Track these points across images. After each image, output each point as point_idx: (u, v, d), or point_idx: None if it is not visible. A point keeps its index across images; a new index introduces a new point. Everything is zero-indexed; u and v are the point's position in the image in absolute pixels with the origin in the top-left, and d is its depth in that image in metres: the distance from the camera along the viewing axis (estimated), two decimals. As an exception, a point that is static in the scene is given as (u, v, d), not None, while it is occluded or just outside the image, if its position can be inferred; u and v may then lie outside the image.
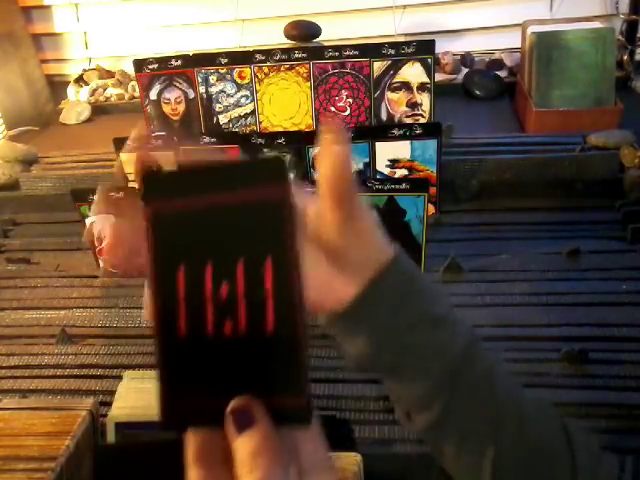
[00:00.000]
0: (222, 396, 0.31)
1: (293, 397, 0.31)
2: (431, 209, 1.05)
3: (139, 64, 1.14)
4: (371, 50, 1.10)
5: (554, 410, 0.46)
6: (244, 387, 0.31)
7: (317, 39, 1.32)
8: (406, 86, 1.12)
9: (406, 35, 1.59)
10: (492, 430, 0.43)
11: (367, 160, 1.04)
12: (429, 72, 1.10)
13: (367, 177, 1.04)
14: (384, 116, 1.15)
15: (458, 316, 0.42)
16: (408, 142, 1.01)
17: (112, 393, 0.70)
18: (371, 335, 0.39)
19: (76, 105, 1.59)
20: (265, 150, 1.04)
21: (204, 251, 0.31)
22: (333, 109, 1.14)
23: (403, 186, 0.89)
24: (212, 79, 1.15)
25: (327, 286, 0.38)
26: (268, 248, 0.30)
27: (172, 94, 1.17)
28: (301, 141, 1.03)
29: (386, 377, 0.42)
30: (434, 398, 0.41)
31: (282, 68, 1.12)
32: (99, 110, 1.59)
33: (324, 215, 0.37)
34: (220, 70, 1.14)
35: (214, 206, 0.31)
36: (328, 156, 0.35)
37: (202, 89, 1.16)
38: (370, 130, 1.06)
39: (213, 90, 1.16)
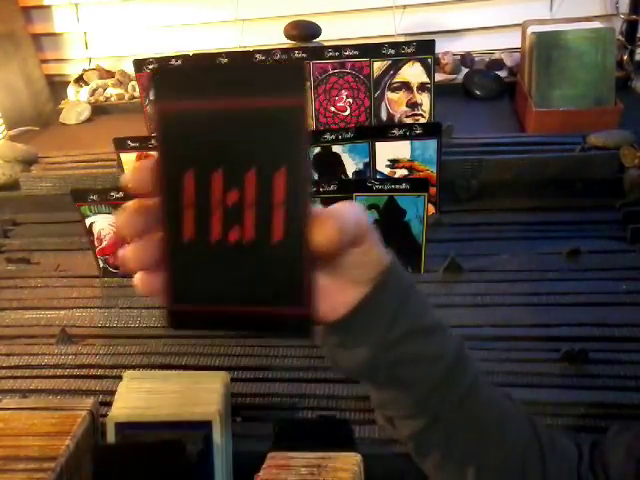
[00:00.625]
0: (224, 301, 0.32)
1: (296, 308, 0.31)
2: (431, 209, 1.05)
3: (139, 64, 1.14)
4: (371, 50, 1.10)
5: (522, 408, 0.46)
6: (247, 294, 0.31)
7: (317, 39, 1.32)
8: (406, 86, 1.12)
9: (406, 35, 1.59)
10: (477, 438, 0.44)
11: (367, 160, 1.04)
12: (429, 72, 1.10)
13: (367, 177, 1.04)
14: (384, 116, 1.15)
15: (444, 323, 0.42)
16: (408, 142, 1.01)
17: (112, 393, 0.70)
18: (368, 346, 0.38)
19: (76, 105, 1.59)
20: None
21: (215, 156, 0.30)
22: (333, 109, 1.14)
23: (403, 186, 0.89)
24: (212, 79, 1.15)
25: (325, 296, 0.36)
26: (282, 157, 0.30)
27: (172, 94, 1.17)
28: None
29: (377, 386, 0.42)
30: (424, 407, 0.42)
31: (282, 68, 1.12)
32: (99, 110, 1.59)
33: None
34: (220, 70, 1.14)
35: (229, 109, 0.30)
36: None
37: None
38: (370, 130, 1.06)
39: (213, 90, 1.16)
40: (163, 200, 0.31)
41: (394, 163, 1.04)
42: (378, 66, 1.11)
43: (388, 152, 1.03)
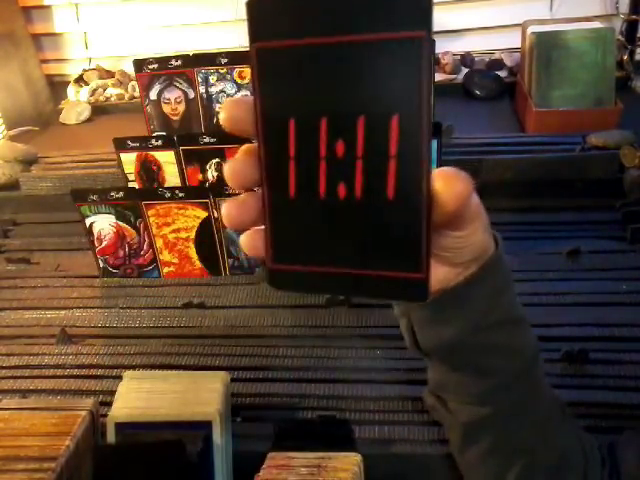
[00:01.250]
0: (330, 263, 0.29)
1: (411, 272, 0.28)
2: (431, 209, 1.05)
3: (139, 64, 1.14)
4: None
5: (568, 410, 0.46)
6: (356, 256, 0.28)
7: (317, 39, 1.31)
8: (406, 86, 1.12)
9: (406, 35, 1.59)
10: (530, 436, 0.43)
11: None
12: (429, 72, 1.10)
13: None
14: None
15: (526, 317, 0.41)
16: (408, 142, 1.01)
17: (112, 393, 0.70)
18: (459, 326, 0.37)
19: (76, 105, 1.59)
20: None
21: (319, 101, 0.26)
22: (333, 109, 1.14)
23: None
24: (212, 79, 1.15)
25: None
26: (399, 102, 0.25)
27: (172, 94, 1.17)
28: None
29: (451, 368, 0.41)
30: (491, 397, 0.41)
31: (282, 68, 1.12)
32: (99, 110, 1.59)
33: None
34: (220, 70, 1.14)
35: (335, 45, 0.25)
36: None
37: (202, 89, 1.16)
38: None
39: (213, 90, 1.16)
40: (262, 152, 0.28)
41: (394, 163, 1.04)
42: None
43: (388, 152, 1.03)
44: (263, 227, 0.30)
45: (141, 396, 0.66)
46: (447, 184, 0.28)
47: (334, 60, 0.26)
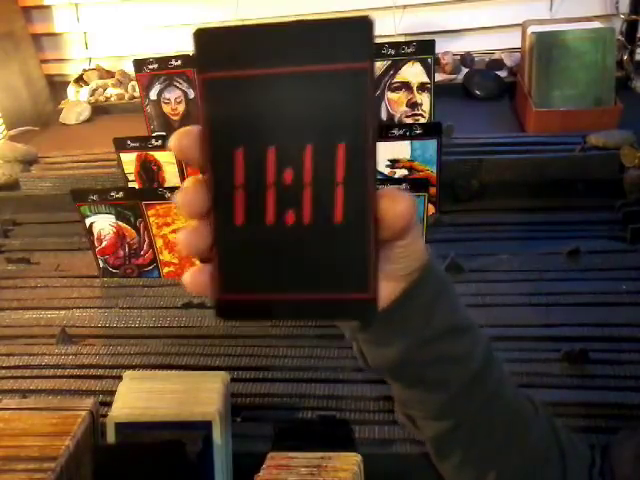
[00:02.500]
0: (279, 289, 0.29)
1: (360, 294, 0.28)
2: (431, 209, 1.05)
3: (139, 64, 1.14)
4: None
5: (543, 410, 0.46)
6: (305, 281, 0.28)
7: (317, 39, 1.32)
8: (406, 86, 1.12)
9: (406, 35, 1.59)
10: (499, 442, 0.43)
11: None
12: (429, 72, 1.10)
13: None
14: (384, 116, 1.14)
15: (475, 322, 0.41)
16: (408, 142, 1.01)
17: (112, 393, 0.70)
18: (402, 344, 0.37)
19: (76, 105, 1.59)
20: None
21: (267, 131, 0.27)
22: (333, 109, 1.14)
23: (403, 186, 0.89)
24: (212, 79, 1.15)
25: None
26: (344, 131, 0.26)
27: (172, 94, 1.17)
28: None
29: (404, 385, 0.41)
30: (450, 409, 0.41)
31: (282, 68, 1.12)
32: (99, 110, 1.59)
33: None
34: (220, 70, 1.14)
35: (281, 77, 0.26)
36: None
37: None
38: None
39: (213, 90, 1.16)
40: (211, 180, 0.28)
41: (394, 163, 1.04)
42: (378, 66, 1.10)
43: (388, 152, 1.03)
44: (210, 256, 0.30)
45: (141, 396, 0.66)
46: (391, 205, 0.29)
47: (280, 90, 0.26)
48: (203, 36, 0.27)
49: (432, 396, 0.41)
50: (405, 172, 1.04)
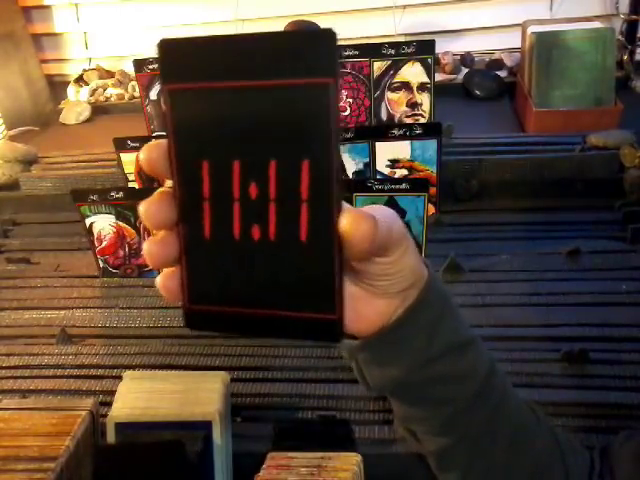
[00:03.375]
0: (244, 303, 0.29)
1: (323, 313, 0.28)
2: (431, 209, 1.05)
3: (139, 64, 1.14)
4: (371, 50, 1.10)
5: (544, 418, 0.46)
6: (270, 297, 0.28)
7: (317, 39, 1.31)
8: (406, 86, 1.12)
9: (406, 35, 1.59)
10: (501, 455, 0.43)
11: (367, 160, 1.04)
12: (429, 72, 1.10)
13: (367, 177, 1.04)
14: (384, 116, 1.14)
15: (477, 337, 0.40)
16: (408, 142, 1.01)
17: (112, 393, 0.70)
18: (403, 364, 0.37)
19: (76, 105, 1.59)
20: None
21: (232, 144, 0.26)
22: (333, 109, 1.14)
23: (403, 186, 0.89)
24: (212, 79, 1.15)
25: (350, 306, 0.33)
26: (307, 147, 0.26)
27: (172, 94, 1.16)
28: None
29: (407, 403, 0.41)
30: (452, 425, 0.41)
31: (282, 68, 1.12)
32: (99, 110, 1.59)
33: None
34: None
35: (245, 91, 0.26)
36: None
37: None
38: (370, 130, 1.06)
39: (213, 90, 1.16)
40: (178, 192, 0.28)
41: (394, 163, 1.04)
42: (378, 66, 1.10)
43: (388, 152, 1.03)
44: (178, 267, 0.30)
45: (141, 396, 0.66)
46: (352, 225, 0.28)
47: (244, 104, 0.26)
48: (168, 46, 0.27)
49: (434, 413, 0.40)
50: (405, 172, 1.04)
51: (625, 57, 1.42)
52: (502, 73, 1.51)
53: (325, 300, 0.28)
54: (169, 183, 0.30)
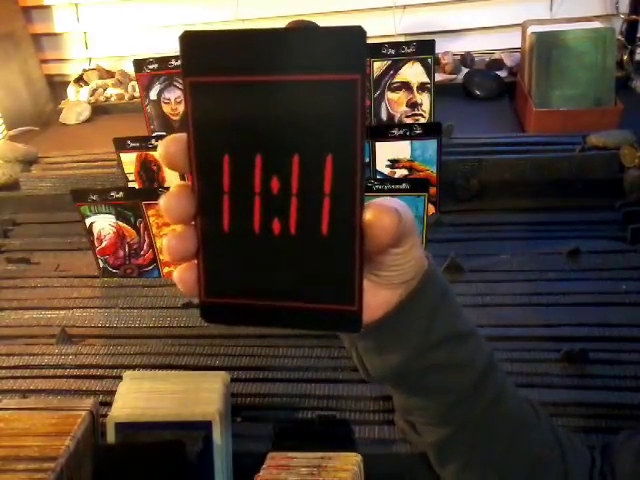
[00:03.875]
0: (263, 296, 0.29)
1: (344, 305, 0.29)
2: (431, 209, 1.05)
3: (139, 64, 1.14)
4: (371, 50, 1.10)
5: (543, 413, 0.46)
6: (290, 289, 0.29)
7: (317, 39, 1.31)
8: (406, 86, 1.12)
9: (406, 35, 1.59)
10: (500, 447, 0.43)
11: (367, 160, 1.04)
12: (429, 72, 1.10)
13: (367, 177, 1.04)
14: (384, 116, 1.14)
15: (477, 329, 0.41)
16: (408, 142, 1.01)
17: (112, 393, 0.70)
18: (402, 351, 0.37)
19: (76, 105, 1.59)
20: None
21: (254, 138, 0.26)
22: (333, 109, 1.14)
23: (403, 186, 0.89)
24: (212, 79, 1.15)
25: None
26: (331, 142, 0.26)
27: (172, 94, 1.17)
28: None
29: (407, 392, 0.41)
30: (451, 416, 0.41)
31: (282, 68, 1.12)
32: (99, 110, 1.59)
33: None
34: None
35: (269, 84, 0.26)
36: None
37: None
38: (370, 130, 1.06)
39: (213, 90, 1.16)
40: (197, 186, 0.28)
41: (394, 163, 1.04)
42: (378, 66, 1.10)
43: (388, 152, 1.03)
44: (196, 260, 0.30)
45: (141, 396, 0.66)
46: (376, 218, 0.28)
47: (269, 98, 0.26)
48: (190, 39, 0.27)
49: (433, 403, 0.40)
50: (405, 172, 1.04)
51: (625, 57, 1.42)
52: (502, 73, 1.51)
53: (346, 292, 0.28)
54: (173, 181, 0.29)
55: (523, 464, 0.44)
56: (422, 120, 1.13)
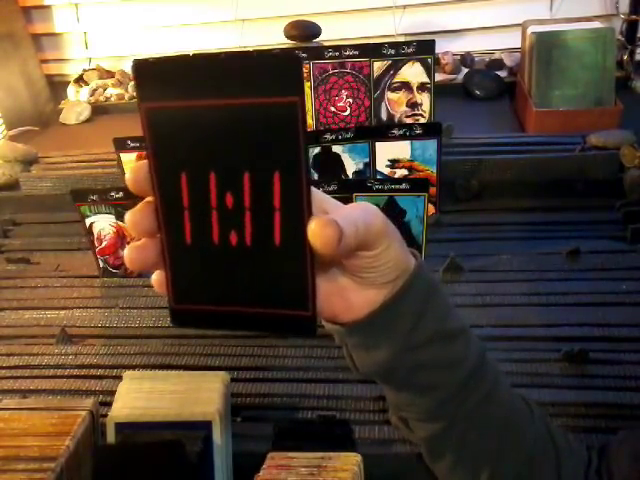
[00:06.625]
0: (226, 302, 0.32)
1: (298, 310, 0.31)
2: (431, 209, 1.05)
3: (139, 64, 1.14)
4: (371, 50, 1.10)
5: (539, 411, 0.46)
6: (248, 296, 0.31)
7: (317, 39, 1.32)
8: (406, 86, 1.12)
9: (406, 35, 1.59)
10: (493, 442, 0.43)
11: (367, 160, 1.04)
12: (429, 72, 1.10)
13: (367, 177, 1.04)
14: (384, 116, 1.14)
15: (468, 327, 0.41)
16: (408, 142, 1.01)
17: (112, 393, 0.70)
18: (389, 348, 0.38)
19: (76, 105, 1.59)
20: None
21: (207, 158, 0.29)
22: (333, 109, 1.14)
23: (403, 186, 0.89)
24: (212, 79, 1.15)
25: (342, 296, 0.37)
26: (277, 160, 0.28)
27: (172, 94, 1.17)
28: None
29: (396, 388, 0.42)
30: (441, 411, 0.41)
31: (282, 68, 1.12)
32: (99, 110, 1.59)
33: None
34: (220, 70, 1.14)
35: (219, 108, 0.28)
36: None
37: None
38: (370, 130, 1.06)
39: (213, 90, 1.16)
40: (159, 202, 0.31)
41: (394, 163, 1.04)
42: (378, 66, 1.11)
43: (388, 152, 1.03)
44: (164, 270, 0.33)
45: (141, 396, 0.66)
46: (317, 231, 0.30)
47: (217, 120, 0.28)
48: (143, 67, 0.28)
49: (422, 399, 0.41)
50: (405, 172, 1.04)
51: (625, 57, 1.42)
52: (502, 73, 1.51)
53: (299, 299, 0.31)
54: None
55: (515, 460, 0.44)
56: (422, 120, 1.13)
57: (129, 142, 1.03)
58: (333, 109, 1.14)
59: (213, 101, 0.28)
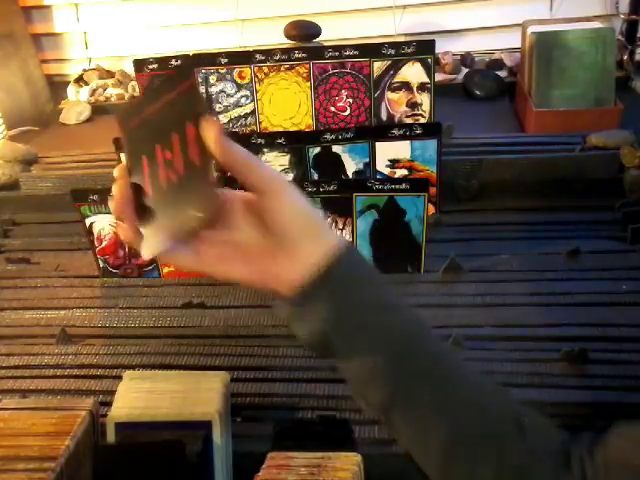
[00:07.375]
0: (178, 219, 0.43)
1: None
2: (431, 209, 1.05)
3: (139, 64, 1.14)
4: (371, 50, 1.10)
5: (511, 397, 0.46)
6: (189, 208, 0.42)
7: (317, 39, 1.31)
8: (406, 86, 1.12)
9: (406, 35, 1.59)
10: (447, 412, 0.44)
11: (367, 160, 1.04)
12: (429, 72, 1.10)
13: (367, 177, 1.04)
14: (384, 116, 1.14)
15: (408, 306, 0.45)
16: (408, 142, 1.01)
17: (112, 393, 0.70)
18: (321, 317, 0.41)
19: (76, 105, 1.59)
20: (265, 150, 1.04)
21: (154, 140, 0.44)
22: (333, 109, 1.14)
23: (403, 186, 0.89)
24: (212, 79, 1.15)
25: (267, 266, 0.42)
26: (188, 119, 0.42)
27: (172, 94, 1.16)
28: (301, 141, 1.03)
29: (337, 358, 0.45)
30: (383, 379, 0.43)
31: (282, 68, 1.12)
32: (99, 110, 1.59)
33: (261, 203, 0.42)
34: (220, 70, 1.14)
35: (154, 112, 0.44)
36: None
37: (202, 89, 1.16)
38: (370, 130, 1.06)
39: (213, 90, 1.16)
40: (132, 180, 0.45)
41: (394, 163, 1.04)
42: (378, 66, 1.11)
43: (388, 152, 1.03)
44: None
45: (141, 396, 0.66)
46: (205, 125, 0.41)
47: (156, 118, 0.45)
48: (121, 109, 0.49)
49: (361, 368, 0.43)
50: (405, 172, 1.04)
51: (625, 57, 1.42)
52: (502, 73, 1.51)
53: (209, 200, 0.42)
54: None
55: (470, 429, 0.44)
56: (422, 120, 1.13)
57: (129, 142, 1.03)
58: (333, 109, 1.14)
59: (152, 109, 0.44)
